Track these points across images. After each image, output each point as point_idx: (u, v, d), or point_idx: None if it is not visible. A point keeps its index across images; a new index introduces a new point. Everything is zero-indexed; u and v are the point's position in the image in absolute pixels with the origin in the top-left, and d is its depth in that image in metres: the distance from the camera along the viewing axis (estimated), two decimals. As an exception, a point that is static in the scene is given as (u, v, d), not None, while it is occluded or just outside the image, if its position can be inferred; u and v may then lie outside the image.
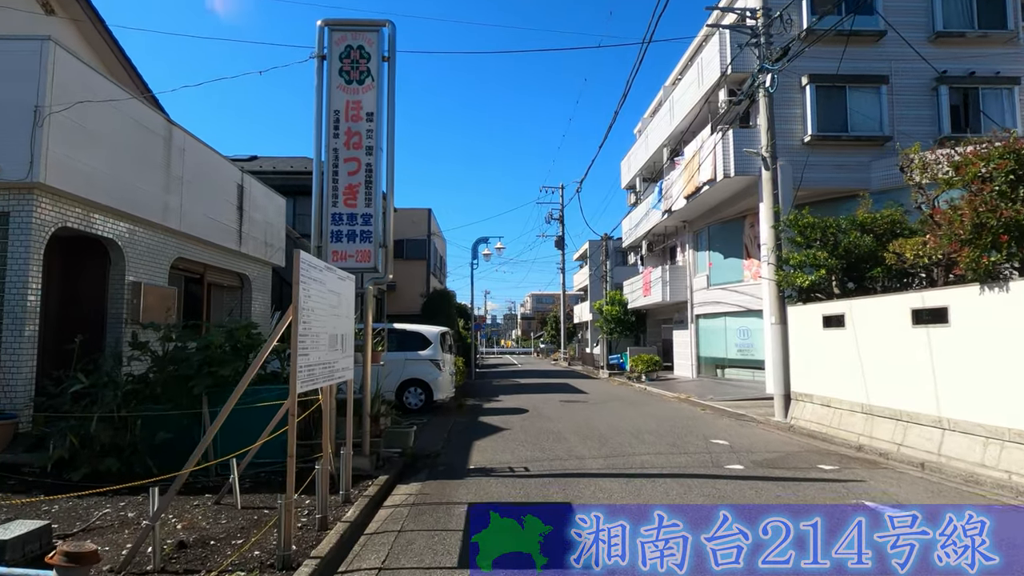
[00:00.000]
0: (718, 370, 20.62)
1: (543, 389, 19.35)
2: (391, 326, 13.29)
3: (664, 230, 23.64)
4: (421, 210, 28.16)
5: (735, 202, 18.15)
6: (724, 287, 19.60)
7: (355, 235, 6.93)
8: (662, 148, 22.61)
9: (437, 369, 12.41)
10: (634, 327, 28.12)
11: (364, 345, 7.01)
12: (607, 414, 12.34)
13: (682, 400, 15.25)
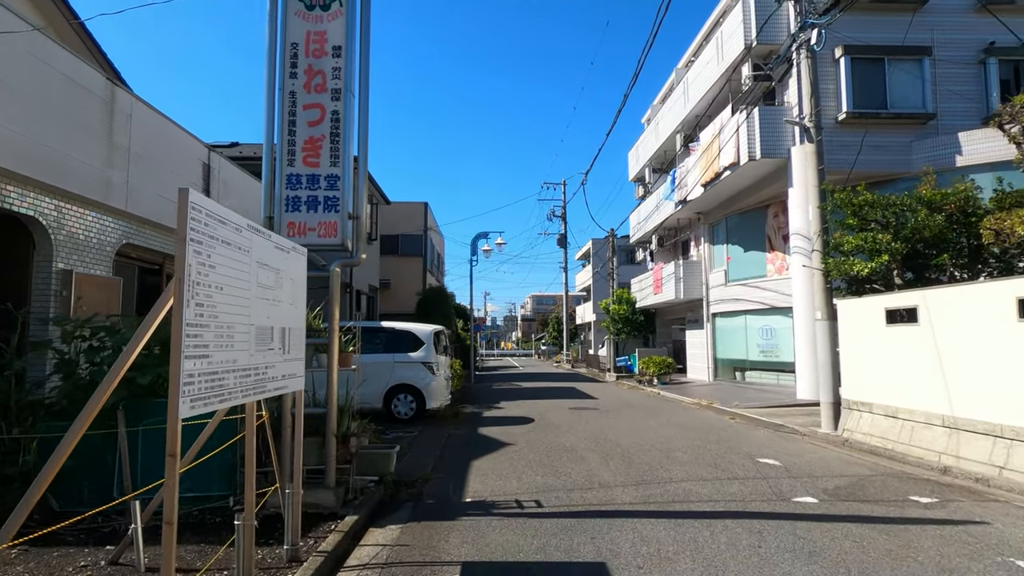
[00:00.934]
0: (736, 373, 19.06)
1: (548, 394, 17.79)
2: (374, 324, 11.75)
3: (676, 223, 22.10)
4: (417, 203, 26.64)
5: (758, 189, 16.62)
6: (744, 283, 18.05)
7: (316, 203, 5.38)
8: (675, 135, 21.08)
9: (430, 373, 10.86)
10: (643, 327, 26.56)
11: (329, 346, 5.47)
12: (625, 424, 10.79)
13: (704, 407, 13.69)
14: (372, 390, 10.70)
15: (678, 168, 19.77)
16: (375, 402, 10.71)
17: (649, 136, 24.47)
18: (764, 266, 17.43)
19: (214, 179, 11.47)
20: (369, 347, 11.16)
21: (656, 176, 23.89)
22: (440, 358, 11.37)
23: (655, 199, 22.78)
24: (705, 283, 20.31)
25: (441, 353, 11.65)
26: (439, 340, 11.60)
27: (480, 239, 25.57)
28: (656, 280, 22.57)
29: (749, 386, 17.48)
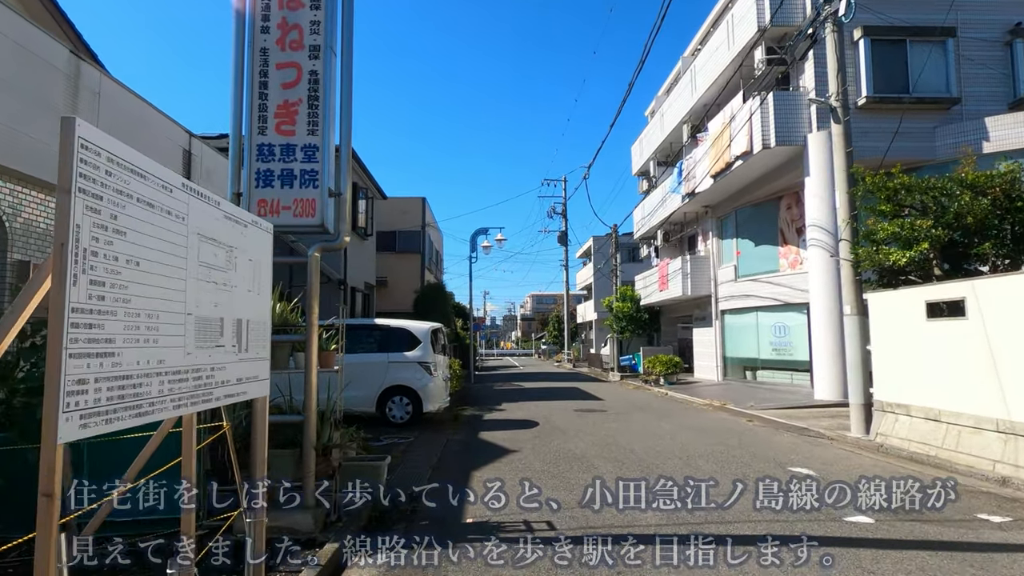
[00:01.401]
0: (747, 372, 18.33)
1: (551, 395, 17.05)
2: (367, 321, 11.02)
3: (683, 217, 21.37)
4: (414, 199, 25.87)
5: (770, 180, 15.88)
6: (755, 278, 17.32)
7: (292, 177, 4.64)
8: (681, 125, 20.34)
9: (427, 374, 10.11)
10: (647, 325, 25.86)
11: (307, 344, 4.74)
12: (636, 428, 10.06)
13: (717, 408, 12.96)
14: (364, 392, 9.96)
15: (685, 160, 19.04)
16: (367, 405, 9.97)
17: (653, 128, 23.73)
18: (776, 261, 16.69)
19: (196, 167, 10.73)
20: (362, 346, 10.45)
21: (661, 170, 23.16)
22: (438, 358, 10.63)
23: (660, 193, 22.05)
24: (713, 279, 19.57)
25: (439, 352, 10.91)
26: (437, 339, 10.86)
27: (479, 235, 24.87)
28: (662, 276, 21.84)
29: (761, 386, 16.75)
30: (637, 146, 26.45)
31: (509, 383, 22.44)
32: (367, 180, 18.63)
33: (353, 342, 10.50)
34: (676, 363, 19.32)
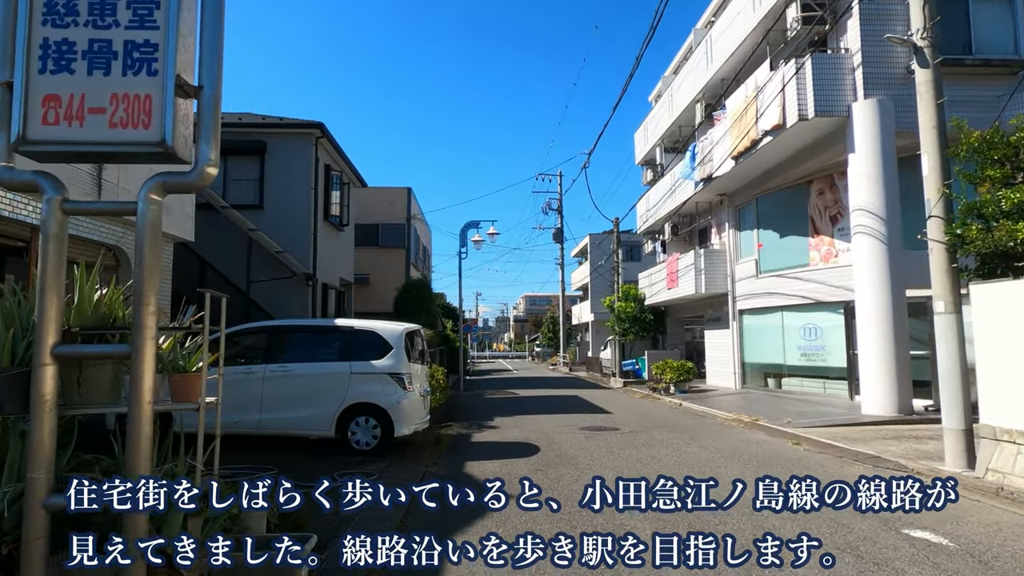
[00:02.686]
0: (769, 379, 16.35)
1: (550, 406, 14.99)
2: (322, 322, 8.95)
3: (695, 208, 19.37)
4: (399, 189, 23.80)
5: (801, 160, 13.90)
6: (781, 274, 15.34)
7: (109, 53, 2.55)
8: (694, 104, 18.37)
9: (400, 388, 8.02)
10: (652, 327, 23.86)
11: (134, 360, 2.65)
12: (664, 455, 8.01)
13: (748, 425, 10.94)
14: (319, 411, 7.87)
15: (699, 142, 17.05)
16: (323, 428, 7.87)
17: (660, 111, 21.75)
18: (806, 253, 14.72)
19: None
20: (316, 353, 8.36)
21: (670, 157, 21.18)
22: (415, 367, 8.54)
23: (669, 181, 20.05)
24: (730, 275, 17.59)
25: (417, 360, 8.81)
26: (413, 344, 8.77)
27: (470, 228, 22.78)
28: (670, 273, 19.84)
29: (788, 396, 14.76)
30: (641, 133, 24.47)
31: (502, 390, 20.37)
32: (342, 163, 16.53)
33: (304, 349, 8.43)
34: (689, 369, 17.30)
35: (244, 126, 14.30)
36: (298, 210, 14.26)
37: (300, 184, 14.33)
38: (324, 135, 14.36)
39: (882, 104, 11.36)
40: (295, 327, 8.83)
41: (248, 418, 7.90)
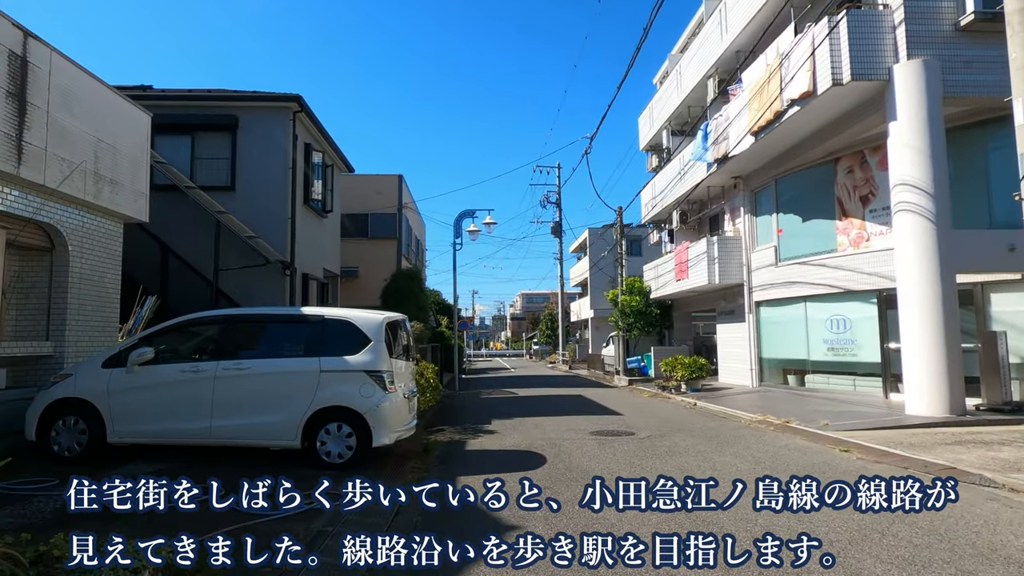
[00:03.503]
0: (790, 376, 15.07)
1: (553, 407, 13.69)
2: (286, 311, 7.63)
3: (706, 193, 18.06)
4: (389, 176, 22.43)
5: (828, 135, 12.61)
6: (804, 261, 14.06)
7: None
8: (706, 80, 17.05)
9: (379, 388, 6.68)
10: (658, 322, 22.58)
11: None
12: (694, 467, 6.70)
13: (780, 428, 9.65)
14: (281, 417, 6.54)
15: (712, 120, 15.74)
16: (287, 437, 6.53)
17: (667, 91, 20.43)
18: (833, 238, 13.44)
19: (36, 80, 7.23)
20: (278, 348, 7.06)
21: (677, 140, 19.87)
22: (398, 364, 7.21)
23: (678, 165, 18.75)
24: (746, 264, 16.30)
25: (401, 355, 7.48)
26: (396, 336, 7.43)
27: (465, 218, 21.42)
28: (679, 263, 18.54)
29: (813, 394, 13.48)
30: (646, 116, 23.15)
31: (500, 390, 19.05)
32: (325, 143, 15.16)
33: (265, 342, 7.11)
34: (702, 366, 15.99)
35: (213, 98, 12.94)
36: (274, 192, 12.91)
37: (276, 164, 12.97)
38: (302, 109, 13.00)
39: (928, 65, 10.07)
40: (253, 317, 7.48)
41: (196, 425, 6.57)
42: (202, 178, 12.80)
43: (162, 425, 6.62)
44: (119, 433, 6.61)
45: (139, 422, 6.63)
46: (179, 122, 12.78)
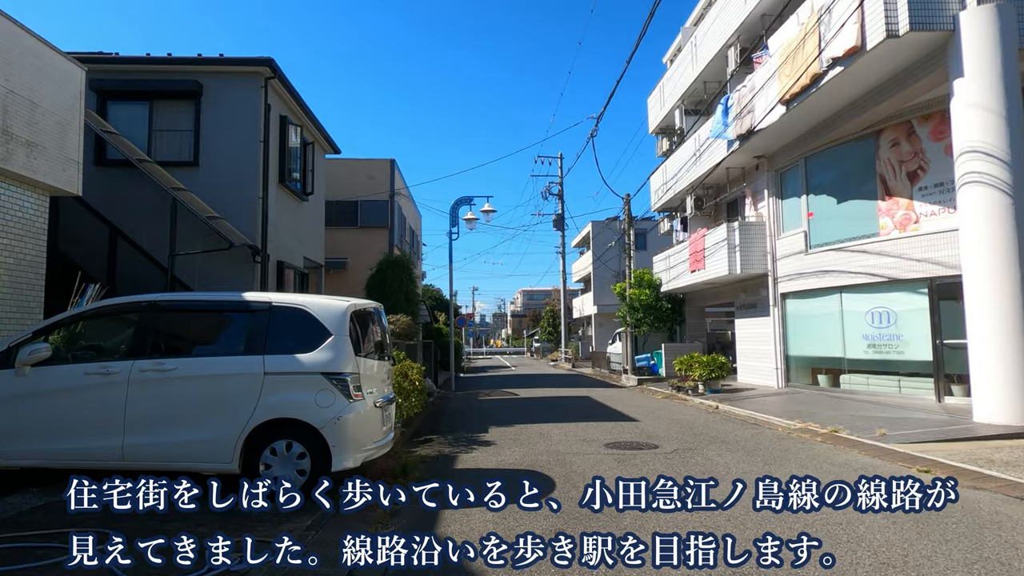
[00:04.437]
0: (821, 376, 13.58)
1: (559, 411, 12.22)
2: (224, 296, 6.13)
3: (725, 175, 16.53)
4: (380, 161, 20.93)
5: (873, 102, 11.09)
6: (839, 247, 12.56)
7: None
8: (725, 50, 15.54)
9: (341, 395, 5.19)
10: (669, 317, 21.08)
11: None
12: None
13: (827, 438, 8.15)
14: (214, 434, 5.06)
15: (734, 93, 14.22)
16: (221, 459, 5.05)
17: (680, 67, 18.87)
18: (874, 221, 11.93)
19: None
20: (212, 343, 5.60)
21: (692, 120, 18.35)
22: (368, 364, 5.71)
23: (692, 145, 17.23)
24: (770, 252, 14.79)
25: (373, 353, 5.98)
26: (367, 328, 5.93)
27: (462, 205, 19.93)
28: (695, 253, 17.02)
29: (850, 397, 11.99)
30: (656, 96, 21.61)
31: (500, 390, 17.57)
32: (304, 116, 13.64)
33: (195, 337, 5.63)
34: (722, 364, 14.51)
35: (172, 62, 11.44)
36: (243, 169, 11.41)
37: (246, 137, 11.48)
38: (275, 75, 11.49)
39: (1002, 11, 8.55)
40: (182, 304, 5.97)
41: (103, 444, 5.08)
42: (162, 152, 11.31)
43: (59, 444, 5.13)
44: (2, 454, 5.12)
45: (29, 440, 5.14)
46: (134, 88, 11.31)
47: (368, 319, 6.02)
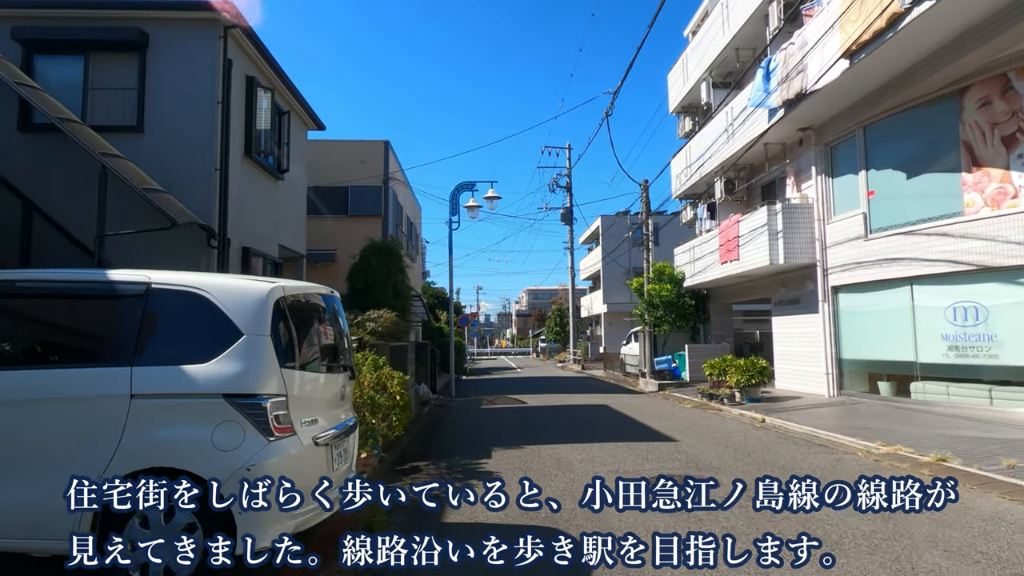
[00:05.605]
0: (881, 383, 11.57)
1: (577, 424, 10.29)
2: (59, 275, 4.16)
3: (763, 153, 14.48)
4: (373, 143, 19.00)
5: (961, 50, 9.06)
6: (911, 230, 10.54)
7: None
8: (765, 6, 13.51)
9: (256, 431, 3.25)
10: (692, 315, 19.08)
11: None
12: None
13: (936, 469, 6.13)
14: (42, 494, 3.11)
15: (779, 52, 12.20)
16: (52, 535, 3.09)
17: (709, 34, 16.84)
18: (958, 197, 9.90)
19: None
20: (53, 346, 3.61)
21: (721, 94, 16.33)
22: (309, 379, 3.76)
23: (723, 121, 15.23)
24: (819, 239, 12.77)
25: (317, 363, 4.02)
26: (307, 325, 3.97)
27: (463, 192, 18.02)
28: (727, 242, 15.00)
29: (927, 408, 9.98)
30: (678, 71, 19.60)
31: (505, 396, 15.62)
32: (276, 79, 11.70)
33: (28, 334, 3.67)
34: (763, 370, 12.52)
35: (112, 6, 9.53)
36: (197, 137, 9.50)
37: (201, 97, 9.56)
38: (237, 25, 9.57)
39: None
40: (16, 285, 3.99)
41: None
42: (100, 115, 9.40)
43: None
44: None
45: None
46: (66, 38, 9.41)
47: (311, 312, 4.07)
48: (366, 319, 8.74)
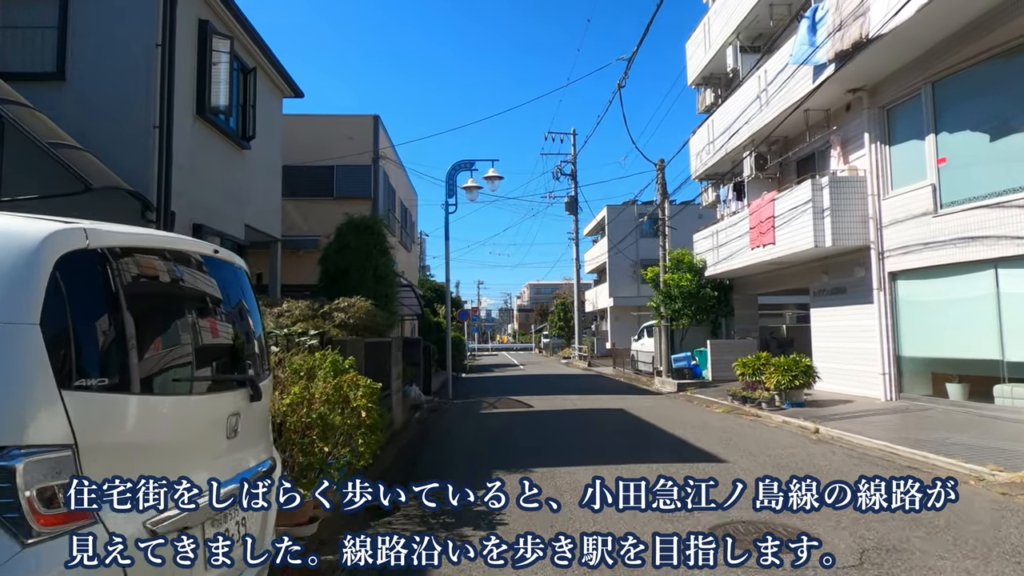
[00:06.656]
0: (950, 385, 9.84)
1: (595, 437, 8.56)
2: None
3: (803, 121, 12.62)
4: (362, 117, 17.22)
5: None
6: (995, 202, 8.76)
7: None
8: (810, -51, 11.72)
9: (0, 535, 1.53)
10: (713, 308, 17.34)
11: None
12: None
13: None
14: None
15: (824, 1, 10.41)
16: None
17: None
18: (1060, 161, 8.13)
19: None
20: None
21: (751, 59, 14.53)
22: (172, 408, 2.02)
23: (755, 87, 13.44)
24: (873, 217, 11.01)
25: (179, 381, 2.28)
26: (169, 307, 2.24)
27: (461, 171, 16.29)
28: (760, 223, 13.21)
29: (1014, 417, 8.24)
30: (697, 39, 17.78)
31: (508, 399, 13.90)
32: (237, 27, 9.92)
33: None
34: (807, 369, 10.79)
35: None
36: (131, 88, 7.77)
37: (139, 43, 7.84)
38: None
39: None
40: None
41: None
42: (12, 60, 7.69)
43: None
44: None
45: None
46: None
47: (176, 286, 2.32)
48: (334, 308, 7.02)
